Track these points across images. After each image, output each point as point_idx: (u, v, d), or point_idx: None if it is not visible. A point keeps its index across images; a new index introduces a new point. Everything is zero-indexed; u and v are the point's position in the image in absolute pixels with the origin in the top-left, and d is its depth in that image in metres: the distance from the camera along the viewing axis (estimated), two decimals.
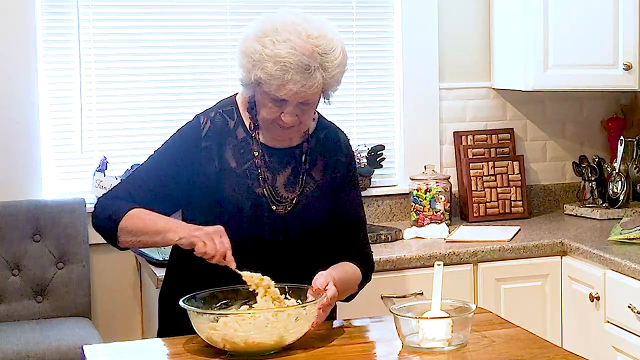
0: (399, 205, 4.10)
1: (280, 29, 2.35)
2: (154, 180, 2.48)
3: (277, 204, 2.47)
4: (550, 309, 3.64)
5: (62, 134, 3.75)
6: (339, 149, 2.58)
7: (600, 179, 4.09)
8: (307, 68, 2.33)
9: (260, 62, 2.34)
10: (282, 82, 2.33)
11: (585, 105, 4.37)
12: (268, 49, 2.33)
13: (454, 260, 3.51)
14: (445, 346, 2.23)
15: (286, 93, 2.35)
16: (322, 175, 2.53)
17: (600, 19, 3.81)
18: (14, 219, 3.59)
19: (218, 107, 2.55)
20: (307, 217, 2.50)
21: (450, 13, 4.14)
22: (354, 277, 2.51)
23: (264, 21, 2.41)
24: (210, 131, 2.48)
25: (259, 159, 2.48)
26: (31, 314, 3.59)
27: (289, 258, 2.48)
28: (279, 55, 2.32)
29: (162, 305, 2.64)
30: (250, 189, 2.46)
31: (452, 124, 4.18)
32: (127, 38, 3.80)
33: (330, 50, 2.38)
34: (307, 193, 2.50)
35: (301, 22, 2.38)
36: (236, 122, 2.51)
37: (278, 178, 2.49)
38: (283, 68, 2.32)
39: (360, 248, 2.59)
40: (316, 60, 2.35)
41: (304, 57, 2.33)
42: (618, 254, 3.32)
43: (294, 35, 2.34)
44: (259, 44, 2.35)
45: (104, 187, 3.66)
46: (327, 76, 2.38)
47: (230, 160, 2.47)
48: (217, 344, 2.21)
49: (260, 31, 2.37)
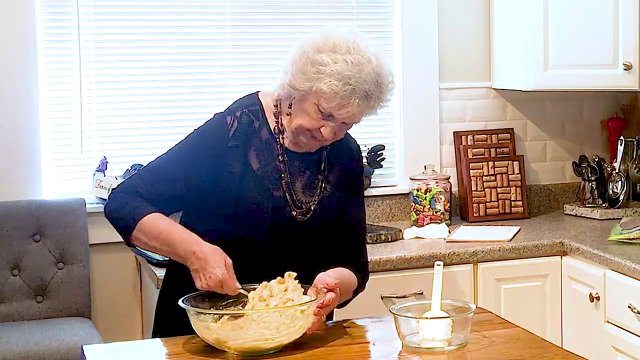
0: (399, 205, 4.10)
1: (352, 49, 2.35)
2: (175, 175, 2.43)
3: (296, 209, 2.47)
4: (550, 309, 3.64)
5: (62, 134, 3.75)
6: (352, 156, 2.60)
7: (600, 179, 4.10)
8: (370, 96, 2.36)
9: (329, 76, 2.33)
10: (346, 102, 2.34)
11: (585, 105, 4.37)
12: (339, 65, 2.33)
13: (454, 260, 3.51)
14: (445, 346, 2.23)
15: (343, 113, 2.36)
16: (337, 181, 2.54)
17: (600, 19, 3.81)
18: (14, 219, 3.59)
19: (242, 106, 2.51)
20: (324, 223, 2.51)
21: (450, 13, 4.14)
22: (351, 283, 2.51)
23: (333, 35, 2.39)
24: (237, 131, 2.45)
25: (282, 163, 2.48)
26: (31, 314, 3.59)
27: (299, 261, 2.47)
28: (350, 77, 2.32)
29: (160, 305, 2.63)
30: (270, 192, 2.45)
31: (452, 124, 4.18)
32: (127, 38, 3.80)
33: (388, 83, 2.40)
34: (324, 199, 2.51)
35: (368, 46, 2.38)
36: (261, 123, 2.48)
37: (297, 182, 2.49)
38: (351, 90, 2.33)
39: (358, 256, 2.59)
40: (378, 90, 2.37)
41: (372, 86, 2.35)
42: (618, 254, 3.32)
43: (364, 60, 2.35)
44: (329, 58, 2.34)
45: (104, 187, 3.66)
46: (379, 105, 2.42)
47: (252, 162, 2.45)
48: (217, 344, 2.21)
49: (331, 45, 2.36)
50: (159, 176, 2.46)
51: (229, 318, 2.21)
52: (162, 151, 2.54)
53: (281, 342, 2.21)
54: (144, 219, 2.39)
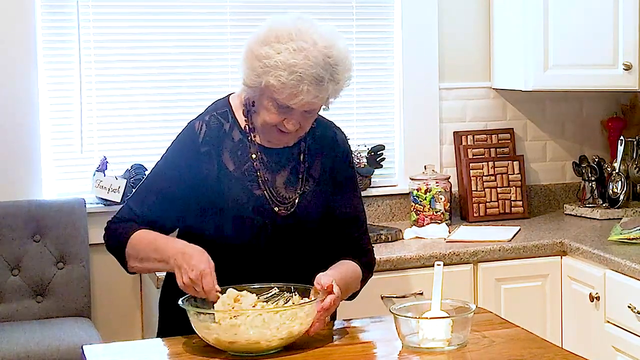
0: (399, 205, 4.10)
1: (295, 36, 2.32)
2: (157, 195, 2.47)
3: (278, 204, 2.47)
4: (550, 309, 3.64)
5: (62, 134, 3.75)
6: (336, 147, 2.57)
7: (600, 179, 4.09)
8: (320, 80, 2.32)
9: (274, 68, 2.31)
10: (296, 91, 2.31)
11: (585, 105, 4.37)
12: (282, 55, 2.30)
13: (454, 260, 3.51)
14: (445, 346, 2.23)
15: (296, 102, 2.33)
16: (320, 174, 2.53)
17: (600, 19, 3.81)
18: (14, 219, 3.59)
19: (212, 110, 2.53)
20: (309, 217, 2.50)
21: (450, 13, 4.14)
22: (355, 275, 2.50)
23: (275, 25, 2.36)
24: (206, 136, 2.47)
25: (257, 161, 2.47)
26: (31, 314, 3.59)
27: (292, 258, 2.47)
28: (294, 64, 2.29)
29: (162, 305, 2.64)
30: (250, 192, 2.45)
31: (452, 124, 4.18)
32: (127, 38, 3.80)
33: (341, 61, 2.36)
34: (307, 192, 2.50)
35: (314, 30, 2.34)
36: (231, 124, 2.49)
37: (277, 178, 2.48)
38: (298, 78, 2.30)
39: (361, 246, 2.58)
40: (328, 72, 2.33)
41: (319, 69, 2.31)
42: (618, 254, 3.32)
43: (309, 44, 2.31)
44: (272, 50, 2.32)
45: (104, 187, 3.66)
46: (337, 87, 2.38)
47: (228, 164, 2.46)
48: (217, 343, 2.21)
49: (273, 36, 2.33)
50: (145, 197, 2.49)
51: (229, 318, 2.21)
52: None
53: (281, 342, 2.21)
54: (132, 237, 2.42)
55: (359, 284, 2.53)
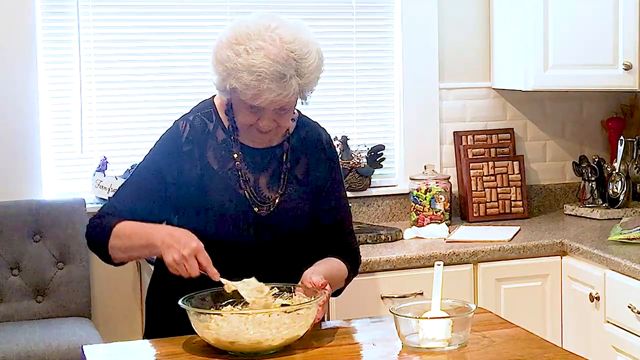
0: (399, 205, 4.10)
1: (253, 36, 2.32)
2: (138, 190, 2.48)
3: (259, 205, 2.47)
4: (550, 309, 3.64)
5: (62, 134, 3.75)
6: (320, 147, 2.57)
7: (600, 179, 4.09)
8: (282, 77, 2.31)
9: (235, 71, 2.32)
10: (258, 91, 2.32)
11: (585, 105, 4.37)
12: (242, 57, 2.31)
13: (454, 260, 3.51)
14: (445, 346, 2.23)
15: (262, 102, 2.34)
16: (304, 174, 2.53)
17: (600, 19, 3.81)
18: (14, 219, 3.59)
19: (196, 110, 2.55)
20: (291, 217, 2.50)
21: (450, 13, 4.14)
22: (340, 273, 2.51)
23: (236, 26, 2.37)
24: (190, 135, 2.48)
25: (239, 160, 2.48)
26: (31, 314, 3.59)
27: (276, 258, 2.48)
28: (253, 65, 2.30)
29: (149, 305, 2.64)
30: (233, 191, 2.45)
31: (452, 124, 4.18)
32: (127, 38, 3.80)
33: (305, 55, 2.35)
34: (290, 192, 2.50)
35: (275, 26, 2.35)
36: (215, 124, 2.50)
37: (260, 179, 2.49)
38: (258, 78, 2.30)
39: (347, 245, 2.59)
40: (291, 67, 2.32)
41: (279, 66, 2.30)
42: (618, 254, 3.32)
43: (267, 43, 2.31)
44: (232, 52, 2.32)
45: (104, 187, 3.66)
46: (303, 82, 2.36)
47: (212, 163, 2.47)
48: (217, 344, 2.21)
49: (234, 38, 2.34)
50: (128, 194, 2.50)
51: (229, 318, 2.21)
52: None
53: (281, 342, 2.21)
54: (116, 227, 2.42)
55: (343, 281, 2.54)
